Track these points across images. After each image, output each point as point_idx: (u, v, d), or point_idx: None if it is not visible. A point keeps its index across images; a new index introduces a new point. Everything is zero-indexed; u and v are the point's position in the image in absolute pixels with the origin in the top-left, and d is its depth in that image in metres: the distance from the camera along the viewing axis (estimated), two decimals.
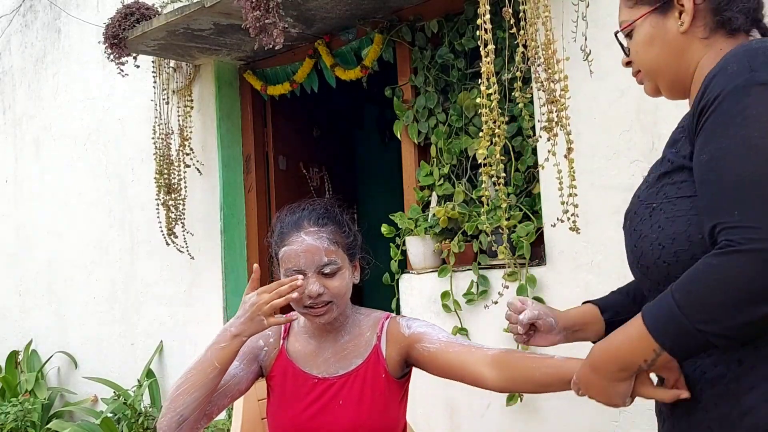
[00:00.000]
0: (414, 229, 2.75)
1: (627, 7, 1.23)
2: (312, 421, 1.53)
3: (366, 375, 1.56)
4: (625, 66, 1.29)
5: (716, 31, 1.16)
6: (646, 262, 1.14)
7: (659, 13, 1.18)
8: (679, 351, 1.03)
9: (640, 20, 1.20)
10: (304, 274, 1.51)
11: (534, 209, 2.53)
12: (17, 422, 3.86)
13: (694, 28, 1.16)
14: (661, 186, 1.15)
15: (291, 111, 3.85)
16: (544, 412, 2.42)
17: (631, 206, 1.22)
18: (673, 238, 1.09)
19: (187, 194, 3.54)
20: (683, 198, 1.10)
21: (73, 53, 4.48)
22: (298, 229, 1.53)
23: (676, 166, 1.13)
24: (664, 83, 1.23)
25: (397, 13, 2.98)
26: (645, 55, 1.21)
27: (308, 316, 1.55)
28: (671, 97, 1.26)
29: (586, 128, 2.34)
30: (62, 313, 4.54)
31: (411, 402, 2.74)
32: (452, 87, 2.84)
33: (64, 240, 4.50)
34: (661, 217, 1.12)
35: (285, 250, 1.53)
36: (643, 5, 1.20)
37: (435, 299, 2.69)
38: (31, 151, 4.82)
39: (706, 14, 1.16)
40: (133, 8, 3.23)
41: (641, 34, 1.21)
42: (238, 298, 3.65)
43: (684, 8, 1.15)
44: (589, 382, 1.17)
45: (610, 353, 1.12)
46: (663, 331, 1.02)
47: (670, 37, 1.18)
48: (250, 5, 2.56)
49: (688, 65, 1.18)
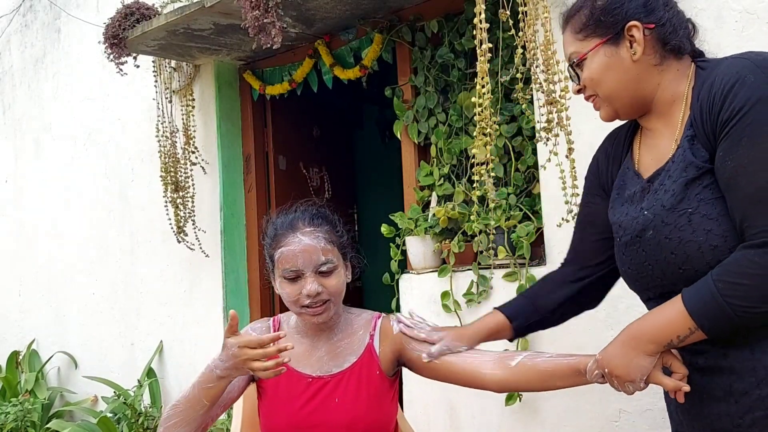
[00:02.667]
0: (414, 229, 2.75)
1: (577, 40, 1.34)
2: (308, 420, 1.54)
3: (361, 372, 1.58)
4: (576, 93, 1.40)
5: (666, 57, 1.30)
6: (694, 266, 1.22)
7: (611, 44, 1.30)
8: (714, 331, 1.17)
9: (593, 51, 1.31)
10: (302, 274, 1.51)
11: (534, 209, 2.52)
12: (17, 422, 3.86)
13: (645, 57, 1.29)
14: (691, 191, 1.22)
15: (291, 111, 3.85)
16: (544, 413, 2.42)
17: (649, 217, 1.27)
18: (724, 237, 1.18)
19: (195, 191, 3.54)
20: (721, 198, 1.19)
21: (73, 53, 4.48)
22: (294, 229, 1.54)
23: (703, 170, 1.21)
24: (621, 106, 1.34)
25: (397, 13, 2.98)
26: (602, 82, 1.33)
27: (305, 316, 1.55)
28: (628, 118, 1.39)
29: (586, 128, 2.34)
30: (62, 313, 4.54)
31: (411, 402, 2.75)
32: (452, 87, 2.83)
33: (64, 240, 4.50)
34: (703, 221, 1.20)
35: (282, 251, 1.53)
36: (594, 37, 1.32)
37: (435, 299, 2.69)
38: (31, 151, 4.82)
39: (654, 44, 1.29)
40: (133, 8, 3.23)
41: (596, 63, 1.32)
42: (237, 299, 3.65)
43: (635, 39, 1.28)
44: (615, 355, 1.27)
45: (645, 328, 1.24)
46: (704, 313, 1.16)
47: (625, 66, 1.30)
48: (249, 5, 2.56)
49: (646, 88, 1.31)
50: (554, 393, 2.37)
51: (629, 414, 2.21)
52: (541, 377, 1.42)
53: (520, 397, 2.43)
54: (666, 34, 1.29)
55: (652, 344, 1.23)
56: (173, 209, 3.50)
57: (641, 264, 1.30)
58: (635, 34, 1.28)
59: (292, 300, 1.53)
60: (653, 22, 1.29)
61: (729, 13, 2.01)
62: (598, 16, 1.30)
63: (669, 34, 1.29)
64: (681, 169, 1.24)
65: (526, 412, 2.46)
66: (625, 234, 1.34)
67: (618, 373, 1.27)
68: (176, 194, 3.49)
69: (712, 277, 1.15)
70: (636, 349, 1.24)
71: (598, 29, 1.30)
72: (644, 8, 1.29)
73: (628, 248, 1.33)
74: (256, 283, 3.67)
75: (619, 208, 1.39)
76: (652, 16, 1.29)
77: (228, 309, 3.60)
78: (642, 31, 1.28)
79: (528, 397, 2.43)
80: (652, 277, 1.29)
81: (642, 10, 1.29)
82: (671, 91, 1.30)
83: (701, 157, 1.22)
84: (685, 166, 1.23)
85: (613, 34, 1.29)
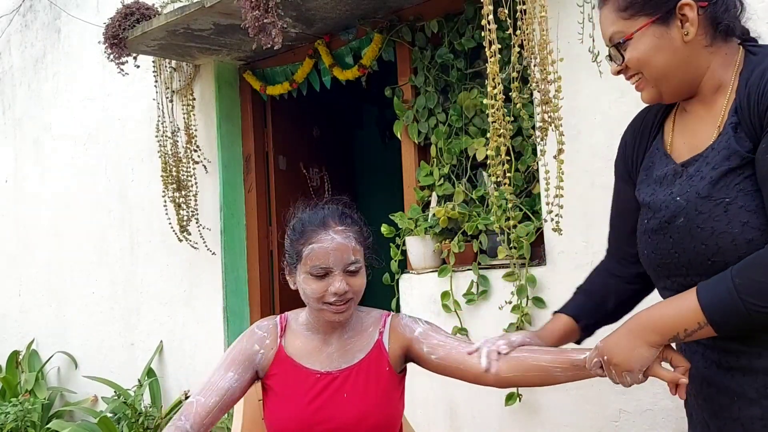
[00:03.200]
0: (414, 229, 2.75)
1: (622, 19, 1.25)
2: (317, 415, 1.54)
3: (370, 368, 1.59)
4: (616, 74, 1.32)
5: (716, 38, 1.23)
6: (726, 258, 1.16)
7: (661, 24, 1.22)
8: (724, 328, 1.14)
9: (641, 31, 1.23)
10: (331, 271, 1.52)
11: (534, 209, 2.52)
12: (17, 422, 3.86)
13: (697, 37, 1.21)
14: (730, 180, 1.17)
15: (291, 111, 3.85)
16: (544, 412, 2.42)
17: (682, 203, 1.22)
18: (761, 230, 1.14)
19: (198, 190, 3.54)
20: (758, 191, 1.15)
21: (73, 53, 4.48)
22: (326, 227, 1.55)
23: (746, 160, 1.16)
24: (669, 88, 1.26)
25: (397, 13, 2.98)
26: (650, 64, 1.24)
27: (326, 313, 1.55)
28: (673, 101, 1.30)
29: (586, 128, 2.34)
30: (62, 313, 4.54)
31: (411, 402, 2.74)
32: (452, 87, 2.83)
33: (64, 240, 4.50)
34: (741, 212, 1.15)
35: (312, 247, 1.53)
36: (641, 16, 1.23)
37: (435, 299, 2.69)
38: (31, 151, 4.82)
39: (706, 24, 1.22)
40: (133, 8, 3.23)
41: (644, 44, 1.24)
42: (237, 298, 3.65)
43: (688, 18, 1.20)
44: (617, 343, 1.24)
45: (653, 317, 1.21)
46: (717, 308, 1.12)
47: (676, 46, 1.22)
48: (249, 5, 2.56)
49: (696, 70, 1.23)
50: (555, 393, 2.37)
51: (629, 414, 2.21)
52: (541, 372, 1.43)
53: (520, 397, 2.43)
54: (718, 13, 1.22)
55: (656, 335, 1.20)
56: (174, 208, 3.50)
57: (667, 252, 1.25)
58: (688, 12, 1.20)
59: (316, 296, 1.53)
60: (706, 0, 1.21)
61: None
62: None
63: (722, 12, 1.22)
64: (723, 157, 1.18)
65: (526, 411, 2.46)
66: (654, 218, 1.28)
67: (617, 361, 1.24)
68: (178, 193, 3.49)
69: (731, 273, 1.12)
70: (639, 338, 1.21)
71: (646, 7, 1.22)
72: None
73: (655, 234, 1.27)
74: (256, 283, 3.67)
75: (645, 189, 1.33)
76: None
77: (228, 309, 3.61)
78: (696, 10, 1.20)
79: (528, 397, 2.43)
80: (677, 266, 1.24)
81: None
82: (719, 75, 1.23)
83: (745, 146, 1.16)
84: (728, 154, 1.18)
85: (663, 13, 1.21)
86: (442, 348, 1.57)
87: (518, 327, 2.42)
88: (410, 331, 1.63)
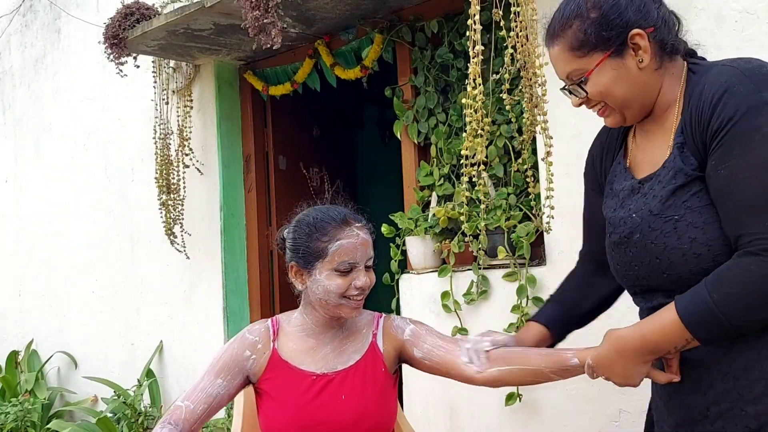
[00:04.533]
0: (414, 229, 2.75)
1: (576, 57, 1.30)
2: (314, 417, 1.54)
3: (366, 369, 1.60)
4: (578, 105, 1.37)
5: (663, 59, 1.29)
6: (678, 271, 1.22)
7: (616, 56, 1.27)
8: (710, 340, 1.18)
9: (599, 66, 1.28)
10: (356, 266, 1.54)
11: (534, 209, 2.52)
12: (17, 422, 3.86)
13: (649, 62, 1.28)
14: (678, 198, 1.23)
15: (291, 111, 3.85)
16: (544, 413, 2.42)
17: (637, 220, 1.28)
18: (708, 246, 1.19)
19: (186, 194, 3.54)
20: (709, 206, 1.20)
21: (73, 53, 4.48)
22: (348, 224, 1.56)
23: (692, 178, 1.21)
24: (632, 113, 1.33)
25: (397, 13, 2.98)
26: (612, 94, 1.30)
27: (345, 308, 1.56)
28: (635, 121, 1.37)
29: (586, 128, 2.34)
30: (62, 313, 4.54)
31: (411, 402, 2.75)
32: (452, 87, 2.83)
33: (64, 240, 4.50)
34: (689, 228, 1.20)
35: (340, 243, 1.53)
36: (596, 52, 1.28)
37: (435, 299, 2.69)
38: (31, 151, 4.82)
39: (654, 47, 1.28)
40: (133, 8, 3.23)
41: (604, 78, 1.29)
42: (237, 298, 3.65)
43: (640, 47, 1.26)
44: (611, 365, 1.29)
45: (642, 340, 1.24)
46: (698, 324, 1.16)
47: (632, 74, 1.28)
48: (249, 5, 2.56)
49: (652, 93, 1.30)
50: (554, 393, 2.37)
51: (629, 414, 2.21)
52: (532, 373, 1.47)
53: (520, 396, 2.43)
54: (663, 35, 1.28)
55: (649, 355, 1.25)
56: (164, 212, 3.50)
57: (628, 264, 1.32)
58: (639, 41, 1.26)
59: (339, 292, 1.53)
60: (652, 25, 1.27)
61: (729, 13, 2.01)
62: (597, 30, 1.26)
63: (665, 34, 1.28)
64: (671, 176, 1.24)
65: (526, 411, 2.46)
66: (615, 233, 1.35)
67: (617, 381, 1.30)
68: (168, 197, 3.49)
69: (707, 288, 1.16)
70: (632, 361, 1.27)
71: (599, 43, 1.26)
72: (640, 12, 1.26)
73: (617, 247, 1.35)
74: (256, 283, 3.67)
75: (609, 203, 1.40)
76: (649, 19, 1.27)
77: (228, 309, 3.61)
78: (646, 37, 1.26)
79: (528, 397, 2.43)
80: (637, 276, 1.31)
81: (639, 14, 1.26)
82: (668, 94, 1.30)
83: (690, 164, 1.22)
84: (675, 173, 1.24)
85: (617, 46, 1.26)
86: (432, 350, 1.60)
87: (518, 327, 2.42)
88: (401, 333, 1.65)
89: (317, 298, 1.57)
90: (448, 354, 1.58)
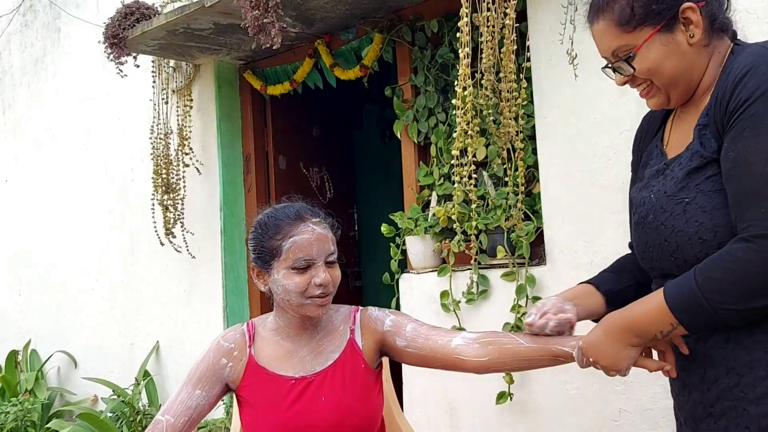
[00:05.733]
0: (414, 228, 2.75)
1: (625, 32, 1.25)
2: (295, 421, 1.51)
3: (345, 368, 1.56)
4: (622, 84, 1.32)
5: (712, 36, 1.24)
6: (684, 255, 1.20)
7: (666, 31, 1.23)
8: (695, 327, 1.16)
9: (648, 41, 1.23)
10: (314, 263, 1.49)
11: (534, 209, 2.52)
12: (17, 422, 3.86)
13: (699, 38, 1.23)
14: (692, 180, 1.20)
15: (291, 111, 3.85)
16: (544, 412, 2.42)
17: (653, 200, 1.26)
18: (714, 231, 1.16)
19: (186, 194, 3.54)
20: (721, 191, 1.16)
21: (73, 53, 4.48)
22: (302, 220, 1.51)
23: (707, 160, 1.19)
24: (679, 92, 1.27)
25: (397, 12, 2.98)
26: (662, 70, 1.25)
27: (310, 307, 1.51)
28: (679, 104, 1.31)
29: (586, 128, 2.34)
30: (62, 313, 4.54)
31: (410, 401, 2.75)
32: (452, 87, 2.83)
33: (64, 240, 4.50)
34: (697, 212, 1.18)
35: (294, 240, 1.49)
36: (645, 27, 1.23)
37: (435, 299, 2.69)
38: (31, 151, 4.82)
39: (705, 23, 1.23)
40: (133, 8, 3.23)
41: (654, 53, 1.24)
42: (237, 298, 3.65)
43: (691, 21, 1.21)
44: (600, 346, 1.27)
45: (630, 321, 1.23)
46: (683, 309, 1.14)
47: (683, 50, 1.24)
48: (249, 4, 2.56)
49: (699, 72, 1.25)
50: (554, 392, 2.37)
51: (629, 413, 2.21)
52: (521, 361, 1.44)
53: (510, 396, 2.43)
54: (714, 10, 1.23)
55: (635, 337, 1.23)
56: (162, 211, 3.49)
57: (644, 245, 1.30)
58: (690, 15, 1.21)
59: (299, 290, 1.49)
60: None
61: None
62: (647, 3, 1.21)
63: (717, 9, 1.24)
64: (688, 157, 1.22)
65: (526, 411, 2.46)
66: (635, 213, 1.33)
67: (604, 364, 1.28)
68: (167, 196, 3.48)
69: (694, 272, 1.14)
70: (619, 342, 1.24)
71: (648, 17, 1.22)
72: None
73: (637, 227, 1.33)
74: None
75: (637, 184, 1.38)
76: None
77: (228, 309, 3.61)
78: (698, 11, 1.21)
79: (528, 397, 2.43)
80: (651, 258, 1.29)
81: None
82: (711, 75, 1.25)
83: (709, 147, 1.18)
84: (692, 154, 1.21)
85: (667, 20, 1.21)
86: (415, 338, 1.54)
87: (517, 327, 2.42)
88: (381, 325, 1.59)
89: (280, 298, 1.54)
90: (430, 339, 1.53)
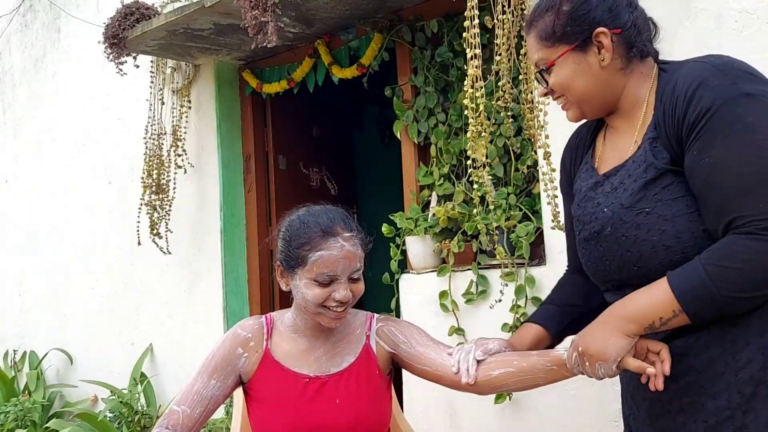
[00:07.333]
0: (414, 229, 2.75)
1: (544, 47, 1.34)
2: (309, 421, 1.52)
3: (360, 372, 1.57)
4: (543, 96, 1.41)
5: (631, 60, 1.32)
6: (648, 264, 1.24)
7: (579, 51, 1.31)
8: (699, 316, 1.17)
9: (561, 58, 1.32)
10: (337, 279, 1.49)
11: (534, 209, 2.52)
12: (17, 422, 3.86)
13: (612, 61, 1.30)
14: (649, 191, 1.25)
15: (291, 111, 3.84)
16: (545, 413, 2.42)
17: (609, 214, 1.30)
18: (678, 237, 1.20)
19: (175, 195, 3.54)
20: (678, 198, 1.22)
21: (73, 53, 4.48)
22: (334, 234, 1.49)
23: (661, 171, 1.24)
24: (591, 108, 1.37)
25: (397, 13, 2.98)
26: (571, 87, 1.34)
27: (324, 318, 1.52)
28: (594, 118, 1.41)
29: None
30: (62, 313, 4.54)
31: (411, 402, 2.75)
32: (452, 87, 2.83)
33: (64, 240, 4.50)
34: (659, 221, 1.22)
35: (321, 254, 1.47)
36: (561, 44, 1.32)
37: (435, 299, 2.68)
38: (31, 151, 4.82)
39: (620, 48, 1.31)
40: (132, 8, 3.23)
41: (565, 70, 1.33)
42: (237, 299, 3.65)
43: (603, 45, 1.29)
44: (592, 335, 1.27)
45: (628, 308, 1.23)
46: (691, 296, 1.16)
47: (594, 71, 1.31)
48: (249, 4, 2.56)
49: (614, 91, 1.33)
50: (554, 393, 2.36)
51: None
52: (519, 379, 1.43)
53: (509, 395, 2.43)
54: (631, 38, 1.31)
55: (632, 324, 1.22)
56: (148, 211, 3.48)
57: (599, 259, 1.33)
58: (603, 40, 1.29)
59: (316, 302, 1.49)
60: (619, 27, 1.30)
61: (729, 13, 2.01)
62: (564, 23, 1.30)
63: (634, 37, 1.31)
64: (642, 169, 1.26)
65: (526, 412, 2.46)
66: (584, 229, 1.36)
67: (592, 352, 1.26)
68: (156, 196, 3.47)
69: (701, 262, 1.16)
70: (615, 329, 1.24)
71: (565, 36, 1.31)
72: (610, 13, 1.29)
73: (587, 243, 1.36)
74: (256, 283, 3.67)
75: (577, 203, 1.42)
76: (617, 21, 1.30)
77: (228, 309, 3.61)
78: (610, 37, 1.29)
79: (528, 398, 2.43)
80: (609, 271, 1.32)
81: (608, 15, 1.29)
82: (634, 93, 1.32)
83: (662, 158, 1.24)
84: (646, 167, 1.26)
85: (580, 41, 1.30)
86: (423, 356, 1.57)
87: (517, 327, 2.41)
88: (394, 336, 1.61)
89: (298, 302, 1.55)
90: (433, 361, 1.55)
